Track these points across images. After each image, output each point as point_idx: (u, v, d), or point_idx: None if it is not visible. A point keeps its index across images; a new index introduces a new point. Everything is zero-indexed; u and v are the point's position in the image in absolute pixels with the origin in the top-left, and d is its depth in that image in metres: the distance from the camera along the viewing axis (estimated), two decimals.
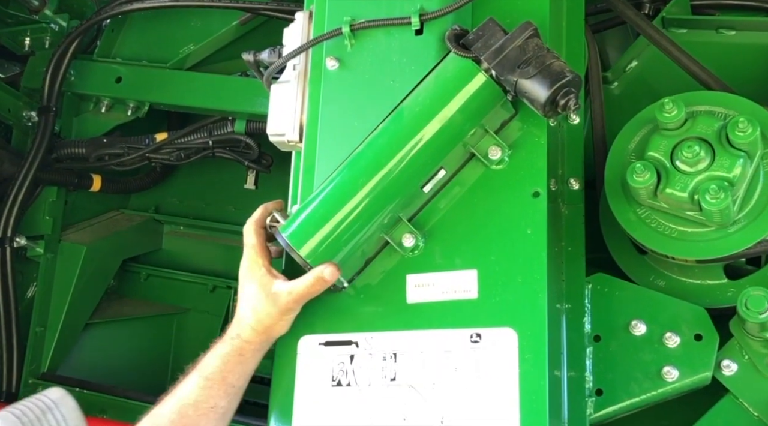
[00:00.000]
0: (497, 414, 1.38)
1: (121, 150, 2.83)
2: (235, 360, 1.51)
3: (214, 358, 1.51)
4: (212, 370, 1.49)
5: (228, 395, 1.50)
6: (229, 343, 1.51)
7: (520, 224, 1.48)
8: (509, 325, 1.43)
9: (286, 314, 1.50)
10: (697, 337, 1.56)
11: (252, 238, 1.55)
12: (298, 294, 1.48)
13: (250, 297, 1.50)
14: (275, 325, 1.51)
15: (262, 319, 1.49)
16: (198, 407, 1.48)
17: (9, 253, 2.66)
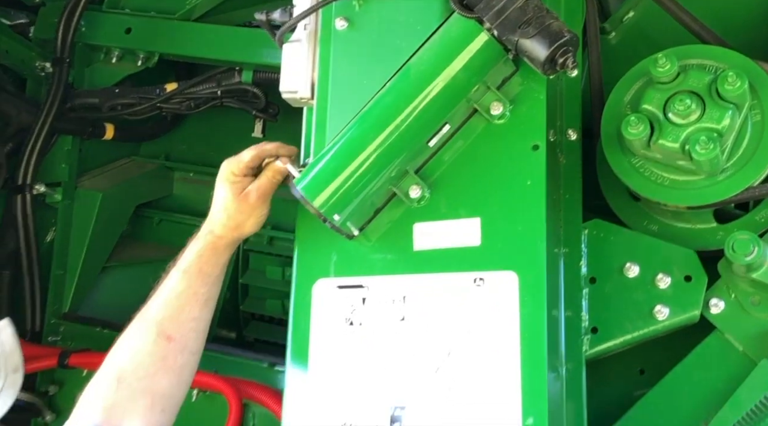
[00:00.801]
0: (500, 349, 1.49)
1: (132, 100, 2.90)
2: (209, 253, 1.67)
3: (190, 254, 1.68)
4: (189, 264, 1.67)
5: (206, 284, 1.68)
6: (203, 239, 1.68)
7: (521, 176, 1.57)
8: (510, 268, 1.53)
9: (254, 211, 1.68)
10: (687, 278, 1.66)
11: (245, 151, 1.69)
12: (263, 188, 1.66)
13: (222, 199, 1.68)
14: (245, 222, 1.68)
15: (233, 217, 1.67)
16: (180, 297, 1.65)
17: (29, 199, 2.77)
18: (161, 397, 1.62)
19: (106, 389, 1.59)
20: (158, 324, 1.64)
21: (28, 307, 2.76)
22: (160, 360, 1.62)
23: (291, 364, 1.64)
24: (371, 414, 1.53)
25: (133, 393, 1.59)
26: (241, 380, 2.47)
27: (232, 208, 1.66)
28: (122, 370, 1.61)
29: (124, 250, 3.26)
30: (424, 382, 1.53)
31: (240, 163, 1.67)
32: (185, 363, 1.66)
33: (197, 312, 1.67)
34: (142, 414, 1.59)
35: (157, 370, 1.62)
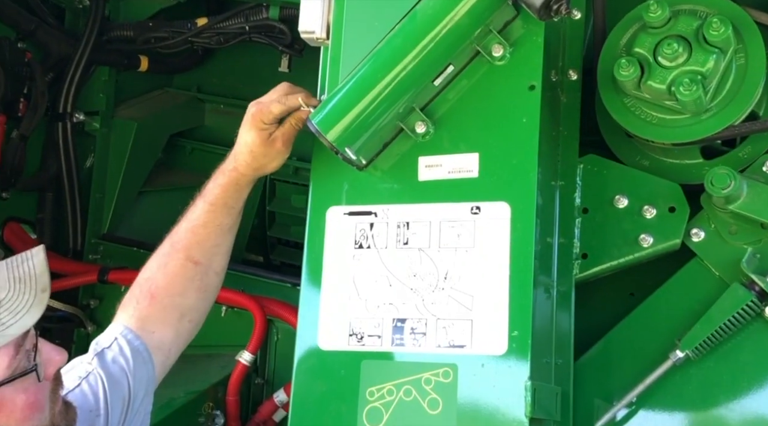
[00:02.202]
0: (491, 271, 1.65)
1: (165, 33, 3.05)
2: (233, 188, 1.83)
3: (215, 188, 1.84)
4: (215, 198, 1.83)
5: (230, 215, 1.85)
6: (227, 175, 1.83)
7: (517, 113, 1.70)
8: (504, 199, 1.68)
9: (279, 154, 1.81)
10: (671, 209, 1.80)
11: (275, 100, 1.79)
12: (287, 134, 1.79)
13: (249, 142, 1.79)
14: (269, 164, 1.82)
15: (258, 159, 1.80)
16: (207, 226, 1.83)
17: (69, 126, 2.96)
18: (189, 310, 1.85)
19: (141, 303, 1.81)
20: (186, 249, 1.83)
21: (70, 228, 2.99)
22: (188, 280, 1.83)
23: (306, 281, 1.82)
24: (375, 325, 1.71)
25: (164, 307, 1.82)
26: (265, 298, 2.68)
27: (258, 151, 1.79)
28: (155, 287, 1.82)
29: (158, 176, 3.45)
30: (423, 298, 1.70)
31: (270, 115, 1.78)
32: (210, 282, 1.87)
33: (221, 239, 1.86)
34: (172, 324, 1.82)
35: (186, 289, 1.83)
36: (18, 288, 1.36)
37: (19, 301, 1.35)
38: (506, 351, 1.62)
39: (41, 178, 2.97)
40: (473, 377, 1.63)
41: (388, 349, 1.70)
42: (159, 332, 1.80)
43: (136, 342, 1.76)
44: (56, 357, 1.44)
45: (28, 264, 1.39)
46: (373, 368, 1.70)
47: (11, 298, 1.35)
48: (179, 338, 1.84)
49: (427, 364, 1.66)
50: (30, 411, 1.39)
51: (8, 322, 1.33)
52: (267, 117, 1.78)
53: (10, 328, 1.33)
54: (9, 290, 1.36)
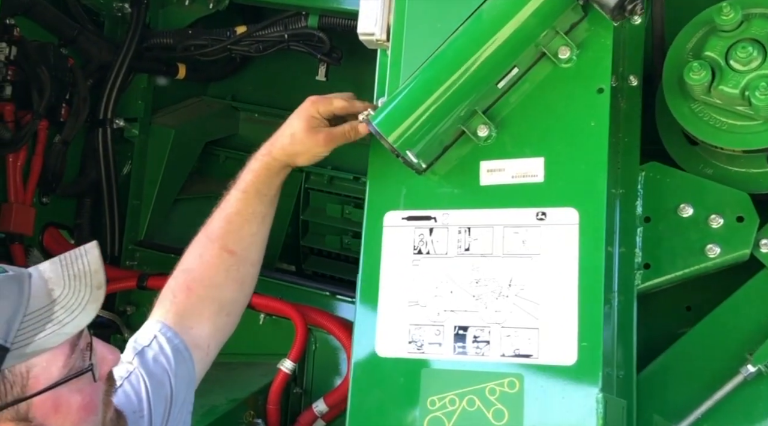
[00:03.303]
0: (558, 279, 1.61)
1: (204, 41, 3.03)
2: (264, 174, 1.80)
3: (247, 173, 1.81)
4: (247, 184, 1.80)
5: (263, 203, 1.81)
6: (259, 160, 1.81)
7: (585, 117, 1.66)
8: (572, 205, 1.64)
9: (316, 148, 1.77)
10: (739, 218, 1.75)
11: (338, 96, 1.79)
12: (335, 136, 1.76)
13: (294, 127, 1.77)
14: (303, 154, 1.79)
15: (295, 145, 1.77)
16: (240, 214, 1.80)
17: (109, 133, 2.94)
18: (227, 303, 1.80)
19: (178, 296, 1.76)
20: (221, 239, 1.79)
21: (108, 233, 2.96)
22: (224, 271, 1.79)
23: (362, 287, 1.77)
24: (436, 333, 1.67)
25: (202, 300, 1.77)
26: (306, 306, 2.64)
27: (299, 137, 1.76)
28: (192, 279, 1.77)
29: (192, 184, 3.43)
30: (486, 306, 1.65)
31: (329, 106, 1.76)
32: (246, 273, 1.83)
33: (255, 228, 1.81)
34: (210, 318, 1.77)
35: (222, 281, 1.78)
36: (73, 285, 1.32)
37: (75, 298, 1.31)
38: (576, 361, 1.57)
39: (81, 184, 2.95)
40: (540, 388, 1.58)
41: (449, 358, 1.66)
42: (197, 327, 1.75)
43: (176, 340, 1.71)
44: (109, 356, 1.39)
45: (82, 261, 1.35)
46: (434, 377, 1.65)
47: (67, 296, 1.31)
48: (217, 333, 1.79)
49: (491, 373, 1.62)
50: (85, 413, 1.35)
51: (64, 320, 1.29)
52: (325, 107, 1.76)
53: (66, 327, 1.29)
54: (64, 287, 1.32)
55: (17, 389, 1.27)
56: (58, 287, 1.32)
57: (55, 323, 1.28)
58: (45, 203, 2.86)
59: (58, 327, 1.29)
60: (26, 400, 1.27)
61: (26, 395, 1.28)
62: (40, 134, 2.76)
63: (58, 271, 1.34)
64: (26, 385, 1.28)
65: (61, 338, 1.29)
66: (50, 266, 1.36)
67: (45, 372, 1.29)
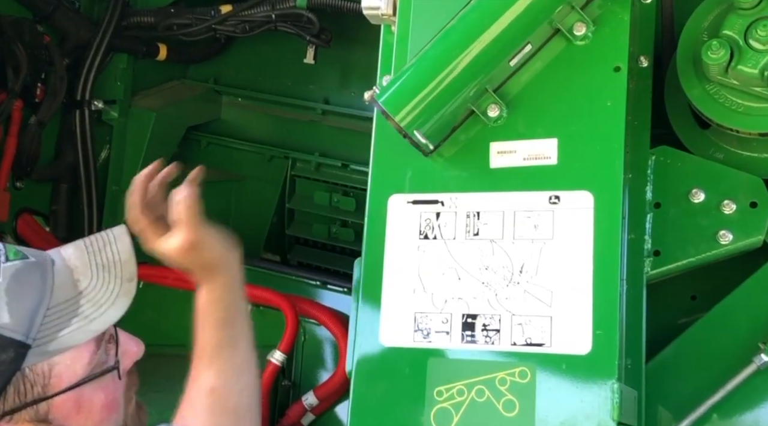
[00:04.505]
0: (573, 266, 1.55)
1: (188, 20, 2.93)
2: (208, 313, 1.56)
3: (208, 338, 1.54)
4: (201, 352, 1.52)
5: (221, 331, 1.57)
6: None
7: (601, 96, 1.59)
8: (587, 188, 1.57)
9: (185, 256, 1.53)
10: (753, 204, 1.70)
11: None
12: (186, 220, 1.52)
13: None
14: (201, 265, 1.54)
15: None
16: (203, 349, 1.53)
17: (87, 115, 2.82)
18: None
19: None
20: (197, 382, 1.48)
21: (86, 221, 2.85)
22: (207, 411, 1.47)
23: (365, 273, 1.69)
24: (443, 321, 1.60)
25: None
26: (296, 297, 2.55)
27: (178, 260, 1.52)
28: None
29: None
30: (496, 293, 1.59)
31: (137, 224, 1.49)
32: (236, 405, 1.56)
33: (230, 358, 1.57)
34: None
35: (208, 419, 1.47)
36: (102, 276, 1.21)
37: (104, 291, 1.20)
38: (590, 350, 1.51)
39: (57, 167, 2.83)
40: (553, 378, 1.52)
41: (457, 347, 1.58)
42: None
43: None
44: (134, 348, 1.29)
45: (111, 249, 1.24)
46: (442, 366, 1.58)
47: (95, 288, 1.20)
48: None
49: (501, 363, 1.55)
50: (107, 412, 1.24)
51: (91, 315, 1.18)
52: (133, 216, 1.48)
53: (94, 323, 1.18)
54: (92, 278, 1.20)
55: (38, 389, 1.17)
56: (84, 278, 1.20)
57: (81, 318, 1.18)
58: (19, 188, 2.73)
59: (84, 323, 1.18)
60: (47, 400, 1.17)
61: (47, 395, 1.17)
62: (14, 115, 2.61)
63: (84, 259, 1.22)
64: (48, 384, 1.17)
65: (87, 335, 1.18)
66: (75, 253, 1.23)
67: (68, 370, 1.18)
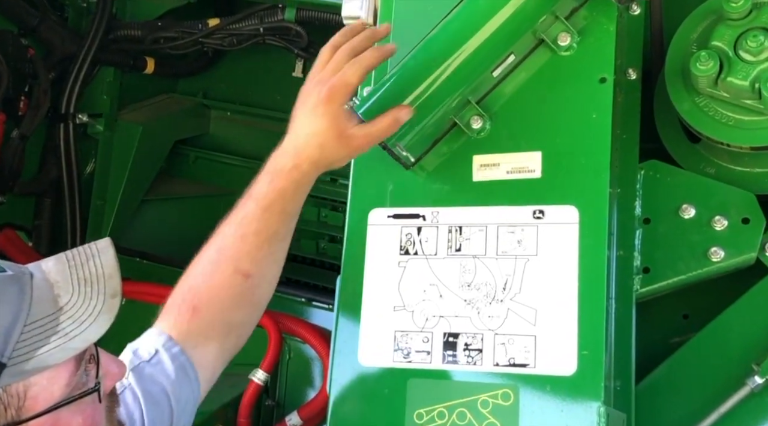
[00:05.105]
0: (557, 283, 1.49)
1: (175, 33, 2.90)
2: (293, 191, 1.52)
3: (270, 192, 1.51)
4: (270, 203, 1.52)
5: (286, 222, 1.56)
6: (287, 176, 1.51)
7: (586, 108, 1.55)
8: (571, 203, 1.52)
9: (353, 154, 1.54)
10: (745, 220, 1.65)
11: (346, 68, 1.47)
12: (374, 136, 1.51)
13: (318, 132, 1.48)
14: (338, 161, 1.53)
15: (328, 156, 1.50)
16: (259, 234, 1.53)
17: (71, 128, 2.78)
18: (236, 325, 1.60)
19: (183, 315, 1.54)
20: (235, 260, 1.54)
21: (69, 235, 2.81)
22: (237, 295, 1.56)
23: (343, 289, 1.64)
24: (424, 340, 1.54)
25: (209, 323, 1.55)
26: (280, 313, 2.50)
27: (330, 146, 1.48)
28: (198, 301, 1.54)
29: (160, 185, 3.29)
30: (479, 311, 1.53)
31: (350, 89, 1.46)
32: (262, 295, 1.62)
33: (274, 248, 1.57)
34: (217, 339, 1.56)
35: (234, 304, 1.56)
36: (84, 292, 1.13)
37: (85, 307, 1.12)
38: (576, 371, 1.45)
39: (40, 182, 2.79)
40: (537, 400, 1.46)
41: (438, 367, 1.53)
42: (202, 348, 1.54)
43: (181, 357, 1.49)
44: (115, 369, 1.21)
45: (94, 262, 1.16)
46: (422, 388, 1.52)
47: (76, 304, 1.12)
48: (225, 354, 1.59)
49: (483, 384, 1.50)
50: None
51: (72, 332, 1.10)
52: (348, 94, 1.47)
53: (74, 341, 1.10)
54: (73, 294, 1.12)
55: (12, 411, 1.09)
56: (65, 293, 1.13)
57: (60, 336, 1.10)
58: (1, 202, 2.70)
59: (64, 340, 1.10)
60: (22, 424, 1.10)
61: (22, 418, 1.10)
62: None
63: (66, 273, 1.15)
64: (22, 406, 1.09)
65: (66, 354, 1.10)
66: (56, 266, 1.16)
67: (45, 391, 1.11)
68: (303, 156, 1.50)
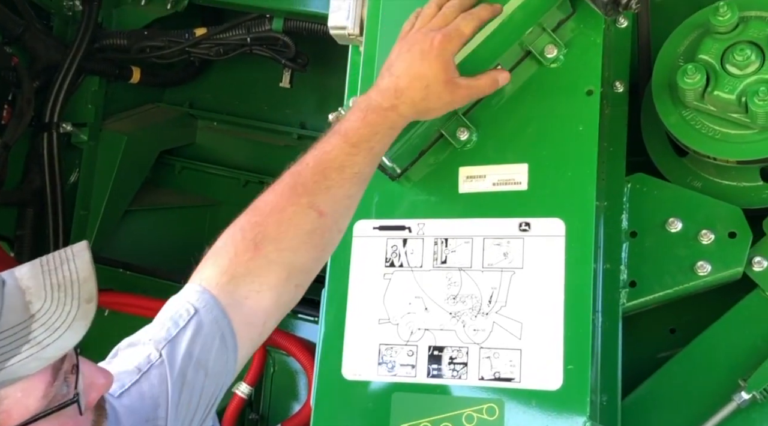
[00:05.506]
0: (543, 296, 1.48)
1: (162, 43, 2.88)
2: (385, 131, 1.45)
3: (364, 126, 1.44)
4: (360, 139, 1.44)
5: (372, 162, 1.48)
6: (382, 115, 1.44)
7: (573, 121, 1.54)
8: (558, 215, 1.51)
9: (453, 105, 1.51)
10: (731, 234, 1.64)
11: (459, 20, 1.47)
12: (476, 89, 1.50)
13: (427, 75, 1.43)
14: (436, 111, 1.50)
15: (429, 101, 1.45)
16: (343, 171, 1.44)
17: (55, 137, 2.76)
18: (299, 271, 1.45)
19: (242, 255, 1.39)
20: (312, 194, 1.43)
21: (51, 246, 2.77)
22: (307, 234, 1.43)
23: (328, 302, 1.62)
24: (409, 353, 1.53)
25: (270, 264, 1.41)
26: None
27: (436, 91, 1.44)
28: (264, 236, 1.40)
29: (145, 195, 3.27)
30: (464, 324, 1.52)
31: (463, 38, 1.45)
32: (330, 239, 1.49)
33: (355, 189, 1.48)
34: (275, 287, 1.41)
35: (301, 244, 1.43)
36: (57, 297, 1.07)
37: (58, 314, 1.06)
38: (561, 386, 1.44)
39: (23, 191, 2.76)
40: (522, 415, 1.45)
41: (423, 381, 1.51)
42: (255, 299, 1.38)
43: (223, 322, 1.34)
44: (100, 380, 1.14)
45: (68, 267, 1.10)
46: (406, 402, 1.50)
47: (48, 311, 1.06)
48: (280, 308, 1.43)
49: (468, 398, 1.48)
50: None
51: (45, 340, 1.04)
52: (460, 42, 1.45)
53: (47, 349, 1.04)
54: (45, 300, 1.07)
55: None
56: (37, 300, 1.07)
57: (33, 345, 1.04)
58: None
59: (36, 349, 1.04)
60: None
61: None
62: None
63: (38, 279, 1.09)
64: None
65: (40, 363, 1.04)
66: (29, 272, 1.10)
67: (19, 404, 1.05)
68: (404, 96, 1.44)
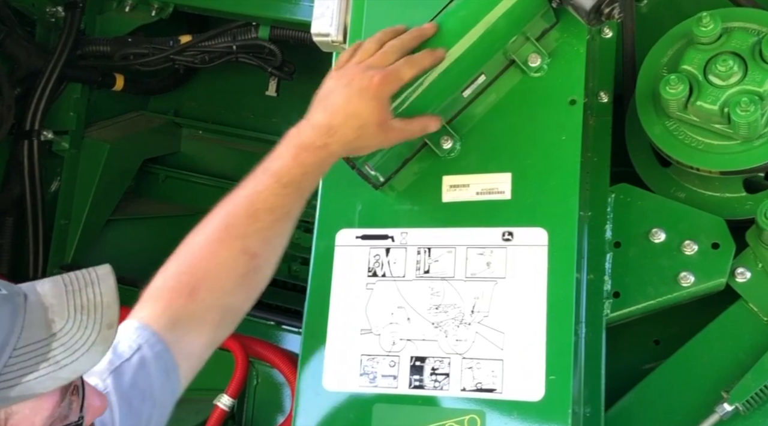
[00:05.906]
0: (526, 306, 1.47)
1: (146, 50, 2.86)
2: (315, 170, 1.47)
3: (296, 166, 1.45)
4: (291, 179, 1.45)
5: (301, 200, 1.49)
6: (314, 153, 1.45)
7: (556, 130, 1.54)
8: (541, 225, 1.51)
9: (384, 144, 1.52)
10: (715, 245, 1.63)
11: (401, 64, 1.47)
12: (408, 133, 1.51)
13: (362, 115, 1.44)
14: (366, 149, 1.51)
15: (363, 140, 1.47)
16: (274, 212, 1.46)
17: (36, 145, 2.73)
18: (231, 311, 1.51)
19: (177, 299, 1.44)
20: (244, 238, 1.45)
21: (31, 255, 2.74)
22: (240, 277, 1.47)
23: (310, 312, 1.61)
24: (390, 364, 1.51)
25: (205, 308, 1.46)
26: (248, 337, 2.45)
27: (368, 132, 1.45)
28: (198, 281, 1.44)
29: (128, 205, 3.24)
30: (446, 334, 1.50)
31: (400, 83, 1.46)
32: (263, 278, 1.53)
33: (285, 228, 1.50)
34: (210, 327, 1.47)
35: (234, 287, 1.48)
36: (79, 319, 1.06)
37: (80, 336, 1.05)
38: (543, 397, 1.42)
39: (3, 199, 2.73)
40: None
41: (404, 392, 1.49)
42: (192, 337, 1.44)
43: (166, 355, 1.39)
44: (96, 402, 1.14)
45: (93, 290, 1.09)
46: (388, 413, 1.49)
47: (69, 331, 1.05)
48: (214, 344, 1.49)
49: (449, 409, 1.46)
50: None
51: (63, 361, 1.03)
52: (398, 85, 1.46)
53: (64, 370, 1.03)
54: (68, 321, 1.06)
55: None
56: (60, 319, 1.06)
57: (51, 363, 1.03)
58: None
59: (54, 369, 1.03)
60: None
61: None
62: None
63: (62, 298, 1.08)
64: None
65: (55, 383, 1.03)
66: (51, 289, 1.09)
67: (26, 421, 1.04)
68: (338, 135, 1.45)
